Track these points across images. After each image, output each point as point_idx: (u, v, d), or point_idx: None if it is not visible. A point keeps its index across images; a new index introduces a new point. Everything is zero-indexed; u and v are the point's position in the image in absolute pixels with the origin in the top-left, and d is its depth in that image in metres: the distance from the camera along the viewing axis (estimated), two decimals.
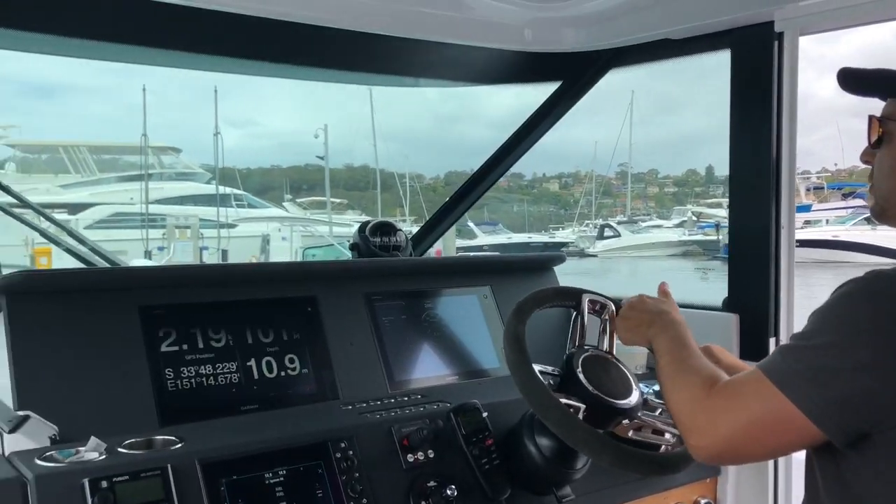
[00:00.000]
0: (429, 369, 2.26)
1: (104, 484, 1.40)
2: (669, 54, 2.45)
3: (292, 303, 2.11)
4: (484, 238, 31.89)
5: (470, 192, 3.10)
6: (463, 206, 3.15)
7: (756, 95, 2.21)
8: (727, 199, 2.44)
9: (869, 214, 1.47)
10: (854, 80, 1.41)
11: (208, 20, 2.30)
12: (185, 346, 1.89)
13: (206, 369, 1.89)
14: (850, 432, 1.19)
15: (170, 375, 1.84)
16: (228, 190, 28.42)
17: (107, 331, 1.81)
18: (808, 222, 25.74)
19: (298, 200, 37.02)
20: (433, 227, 3.23)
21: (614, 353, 1.84)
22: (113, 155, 34.02)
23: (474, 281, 2.49)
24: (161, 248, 22.99)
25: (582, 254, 32.61)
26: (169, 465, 1.48)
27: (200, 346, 1.92)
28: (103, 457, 1.49)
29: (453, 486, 1.72)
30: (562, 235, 36.92)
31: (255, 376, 1.96)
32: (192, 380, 1.87)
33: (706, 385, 1.34)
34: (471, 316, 2.45)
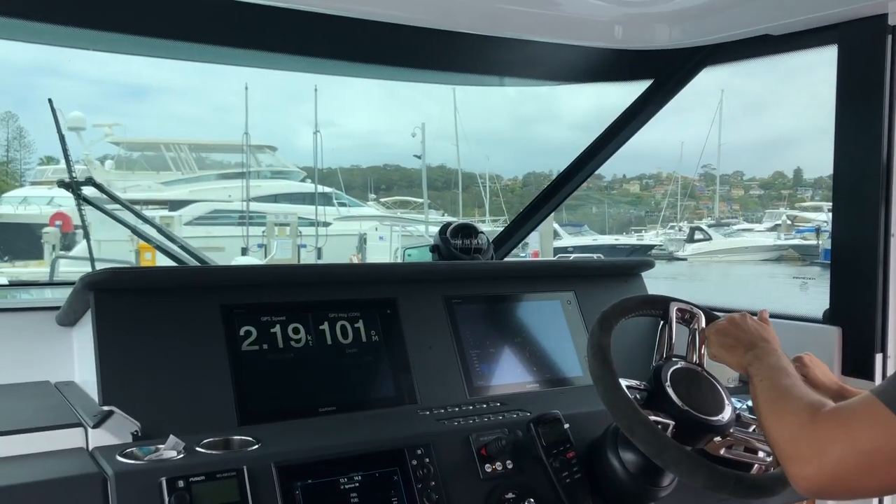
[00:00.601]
0: (509, 376, 2.20)
1: (181, 483, 1.40)
2: (769, 51, 2.32)
3: (372, 304, 2.08)
4: (569, 239, 31.48)
5: (554, 193, 3.03)
6: (547, 208, 3.08)
7: (866, 94, 2.06)
8: (827, 203, 2.30)
9: None
10: None
11: (292, 20, 2.32)
12: (265, 346, 1.89)
13: (285, 370, 1.89)
14: None
15: (250, 375, 1.84)
16: (325, 189, 28.88)
17: (190, 329, 1.82)
18: None
19: (382, 200, 37.42)
20: (516, 230, 3.17)
21: (704, 365, 1.74)
22: (212, 153, 35.05)
23: (558, 286, 2.42)
24: (261, 246, 23.41)
25: (671, 257, 31.83)
26: (245, 467, 1.47)
27: (280, 346, 1.91)
28: (181, 455, 1.49)
29: (532, 500, 1.66)
30: (646, 238, 36.14)
31: (334, 378, 1.94)
32: (271, 380, 1.86)
33: (811, 411, 1.24)
34: (553, 322, 2.38)
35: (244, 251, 22.27)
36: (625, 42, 2.37)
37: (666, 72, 2.62)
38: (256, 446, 1.58)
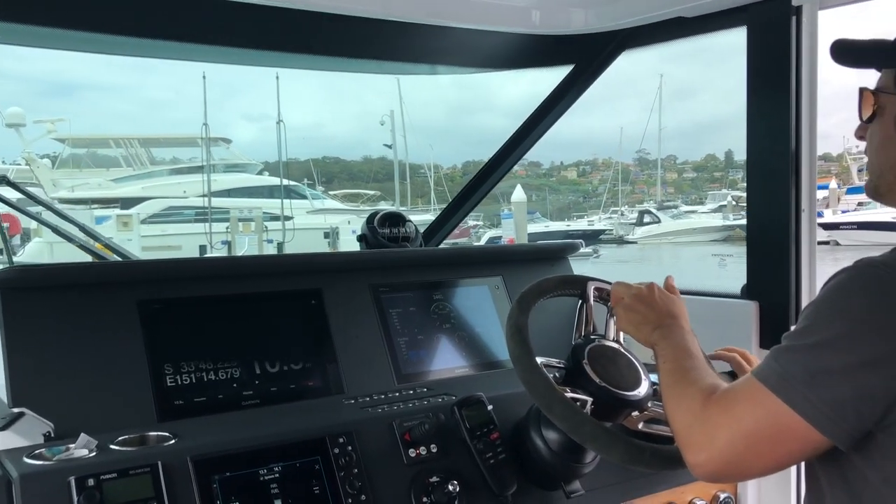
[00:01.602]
0: (438, 362, 2.21)
1: (91, 482, 1.37)
2: (684, 33, 2.36)
3: (296, 296, 2.07)
4: (503, 228, 31.61)
5: (484, 181, 3.04)
6: (478, 195, 3.09)
7: (773, 74, 2.11)
8: None
9: None
10: (849, 53, 1.36)
11: (224, 11, 2.27)
12: (185, 341, 1.86)
13: (206, 364, 1.86)
14: (855, 434, 1.13)
15: (169, 371, 1.81)
16: (288, 182, 27.93)
17: (105, 326, 1.78)
18: (861, 204, 25.05)
19: (331, 193, 37.04)
20: (448, 218, 3.18)
21: (622, 341, 1.77)
22: (164, 148, 33.98)
23: (486, 271, 2.43)
24: (224, 243, 22.69)
25: (621, 241, 32.22)
26: (159, 462, 1.45)
27: (201, 340, 1.88)
28: (93, 454, 1.46)
29: (456, 482, 1.67)
30: (596, 224, 36.55)
31: (257, 371, 1.92)
32: (192, 375, 1.83)
33: (704, 396, 1.27)
34: (482, 307, 2.40)
35: (203, 250, 21.63)
36: (543, 27, 2.39)
37: (586, 56, 2.65)
38: (173, 441, 1.55)
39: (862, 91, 1.34)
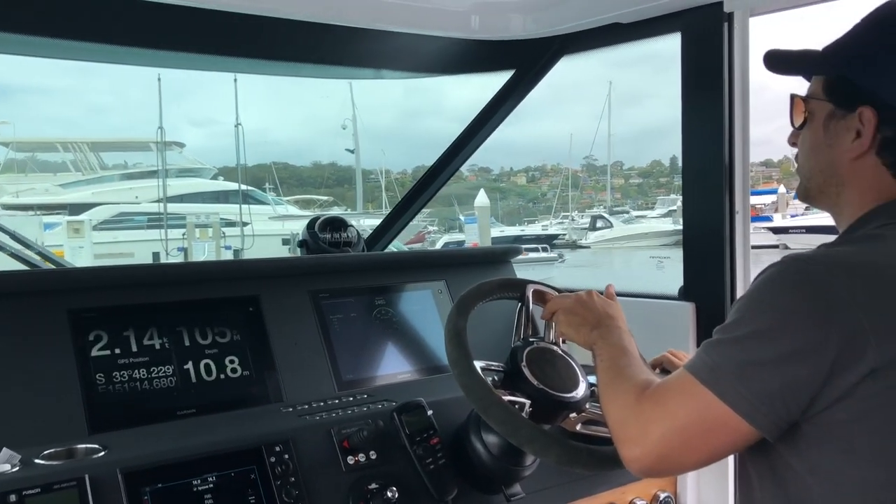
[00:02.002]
0: (379, 368, 2.19)
1: (13, 498, 1.32)
2: (620, 39, 2.39)
3: (233, 303, 2.03)
4: (476, 233, 31.64)
5: (427, 186, 3.04)
6: (421, 200, 3.09)
7: (707, 80, 2.16)
8: None
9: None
10: (780, 61, 1.40)
11: (168, 15, 2.23)
12: (117, 351, 1.82)
13: (139, 374, 1.82)
14: (783, 425, 1.15)
15: (101, 381, 1.76)
16: (244, 187, 27.13)
17: (34, 336, 1.73)
18: (809, 208, 25.65)
19: (285, 199, 36.58)
20: (392, 223, 3.17)
21: (560, 344, 1.79)
22: (115, 152, 33.00)
23: (429, 276, 2.43)
24: (181, 249, 22.07)
25: (574, 245, 32.50)
26: (87, 476, 1.40)
27: (134, 349, 1.84)
28: (16, 469, 1.41)
29: (395, 488, 1.66)
30: (532, 229, 36.81)
31: (193, 380, 1.89)
32: (125, 385, 1.79)
33: (638, 392, 1.28)
34: (425, 311, 2.39)
35: (157, 257, 21.07)
36: (482, 32, 2.40)
37: (526, 62, 2.67)
38: (102, 453, 1.51)
39: (793, 98, 1.39)
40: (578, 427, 1.69)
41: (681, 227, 2.35)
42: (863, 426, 1.13)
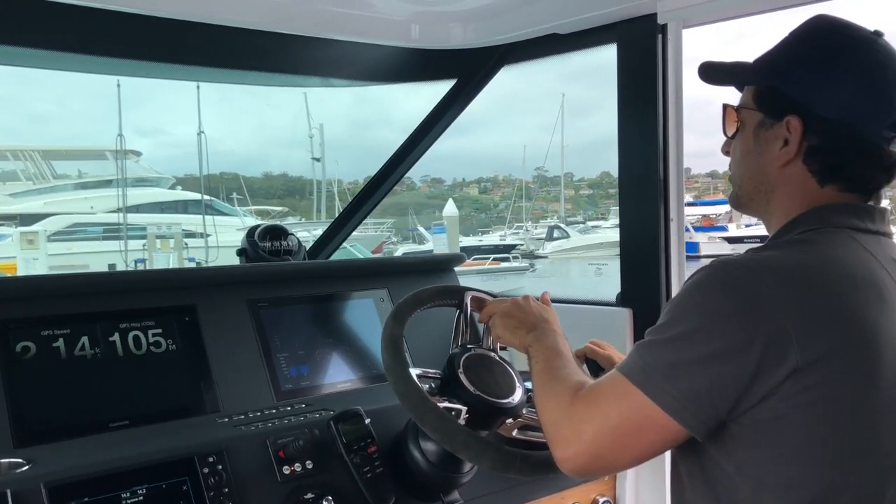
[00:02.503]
0: (319, 377, 2.17)
1: None
2: (559, 49, 2.43)
3: (169, 312, 1.99)
4: (435, 242, 31.60)
5: (370, 195, 3.03)
6: (364, 210, 3.09)
7: (642, 90, 2.20)
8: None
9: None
10: (713, 72, 1.45)
11: (108, 21, 2.21)
12: (46, 362, 1.77)
13: (70, 386, 1.77)
14: (710, 424, 1.18)
15: (28, 394, 1.71)
16: (198, 196, 26.31)
17: None
18: None
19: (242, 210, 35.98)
20: (335, 232, 3.16)
21: (498, 350, 1.80)
22: (68, 160, 31.85)
23: (371, 284, 2.42)
24: (140, 261, 21.25)
25: (532, 255, 32.70)
26: (8, 491, 1.36)
27: (64, 360, 1.79)
28: None
29: (331, 497, 1.65)
30: (490, 239, 36.95)
31: (126, 392, 1.84)
32: (55, 398, 1.74)
33: (571, 393, 1.30)
34: (367, 320, 2.38)
35: (113, 269, 20.47)
36: (422, 41, 2.41)
37: (468, 71, 2.69)
38: (26, 468, 1.47)
39: (725, 107, 1.42)
40: (515, 433, 1.70)
41: None
42: (784, 425, 1.16)
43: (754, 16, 2.15)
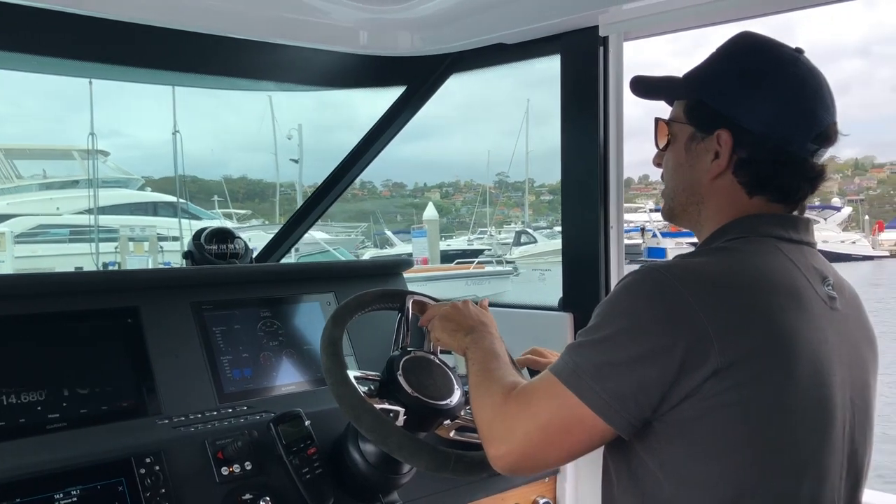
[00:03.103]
0: (263, 380, 2.18)
1: None
2: (506, 59, 2.48)
3: (111, 314, 1.99)
4: (402, 247, 31.40)
5: (321, 200, 3.05)
6: (314, 214, 3.10)
7: (584, 100, 2.25)
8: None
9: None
10: (644, 86, 1.50)
11: (63, 22, 2.18)
12: None
13: (6, 387, 1.76)
14: (635, 423, 1.22)
15: None
16: (168, 199, 25.57)
17: None
18: None
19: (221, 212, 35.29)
20: (286, 236, 3.16)
21: (438, 353, 1.83)
22: (32, 160, 30.63)
23: (318, 287, 2.43)
24: (112, 264, 20.48)
25: (499, 261, 32.76)
26: None
27: (3, 362, 1.78)
28: None
29: (268, 498, 1.66)
30: (457, 243, 36.94)
31: (66, 393, 1.83)
32: None
33: (505, 392, 1.35)
34: (313, 323, 2.39)
35: None
36: (370, 48, 2.44)
37: (418, 78, 2.73)
38: None
39: (657, 121, 1.47)
40: (452, 434, 1.73)
41: None
42: (704, 424, 1.20)
43: (692, 30, 2.22)
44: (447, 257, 27.66)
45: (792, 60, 1.35)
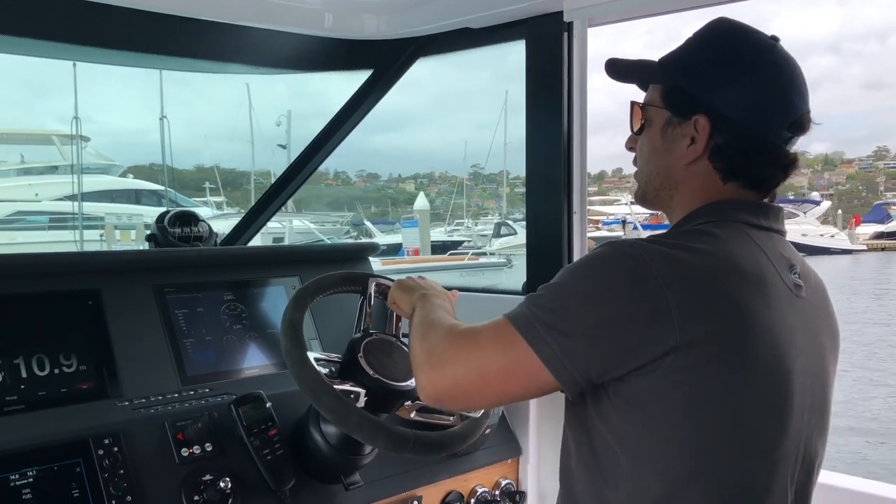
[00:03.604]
0: (226, 363, 2.17)
1: None
2: (472, 44, 2.48)
3: (72, 296, 1.97)
4: (382, 238, 31.23)
5: (285, 186, 3.04)
6: (279, 200, 3.10)
7: (549, 86, 2.26)
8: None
9: None
10: (619, 70, 1.50)
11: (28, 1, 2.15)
12: None
13: None
14: (580, 382, 1.23)
15: None
16: (155, 187, 25.09)
17: None
18: None
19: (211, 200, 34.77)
20: (250, 222, 3.15)
21: (399, 336, 1.84)
22: (7, 144, 29.33)
23: (282, 271, 2.43)
24: None
25: (479, 252, 32.79)
26: None
27: None
28: None
29: (228, 479, 1.66)
30: (434, 235, 36.91)
31: (24, 375, 1.81)
32: None
33: (448, 329, 1.36)
34: (277, 307, 2.38)
35: None
36: (336, 31, 2.43)
37: (384, 62, 2.72)
38: None
39: (633, 105, 1.47)
40: (413, 415, 1.74)
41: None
42: (662, 402, 1.21)
43: (657, 16, 2.24)
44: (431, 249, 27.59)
45: (769, 48, 1.35)
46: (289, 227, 23.63)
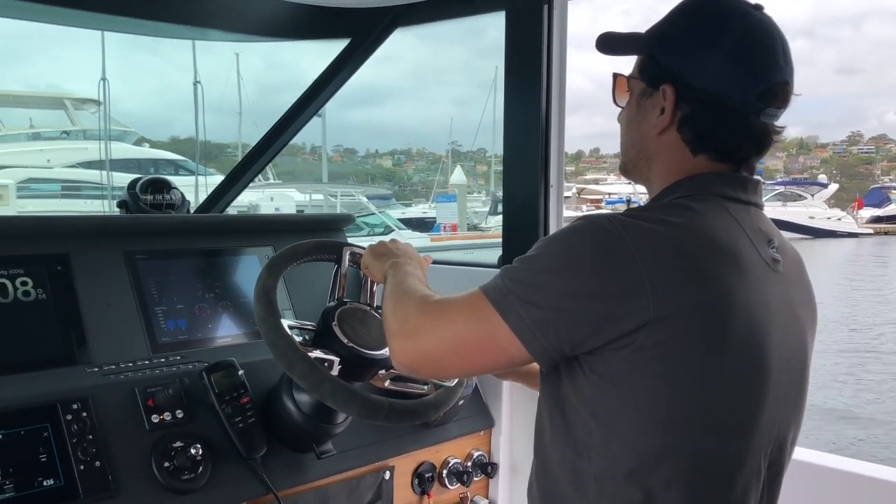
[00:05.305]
0: (198, 331, 2.16)
1: None
2: (450, 14, 2.45)
3: (39, 261, 1.94)
4: (394, 212, 30.73)
5: (260, 155, 3.01)
6: (255, 168, 3.07)
7: (527, 60, 2.24)
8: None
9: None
10: (608, 43, 1.47)
11: None
12: None
13: None
14: (552, 354, 1.23)
15: None
16: (174, 157, 24.13)
17: None
18: None
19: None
20: (225, 191, 3.11)
21: (374, 305, 1.83)
22: (17, 107, 27.50)
23: (256, 241, 2.40)
24: None
25: (475, 228, 32.68)
26: None
27: None
28: None
29: (199, 446, 1.65)
30: (413, 211, 36.66)
31: None
32: None
33: (421, 298, 1.36)
34: (250, 276, 2.36)
35: None
36: None
37: (361, 31, 2.69)
38: None
39: (615, 77, 1.45)
40: (387, 383, 1.74)
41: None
42: (635, 377, 1.21)
43: None
44: (411, 225, 27.31)
45: (741, 13, 1.33)
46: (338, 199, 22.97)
